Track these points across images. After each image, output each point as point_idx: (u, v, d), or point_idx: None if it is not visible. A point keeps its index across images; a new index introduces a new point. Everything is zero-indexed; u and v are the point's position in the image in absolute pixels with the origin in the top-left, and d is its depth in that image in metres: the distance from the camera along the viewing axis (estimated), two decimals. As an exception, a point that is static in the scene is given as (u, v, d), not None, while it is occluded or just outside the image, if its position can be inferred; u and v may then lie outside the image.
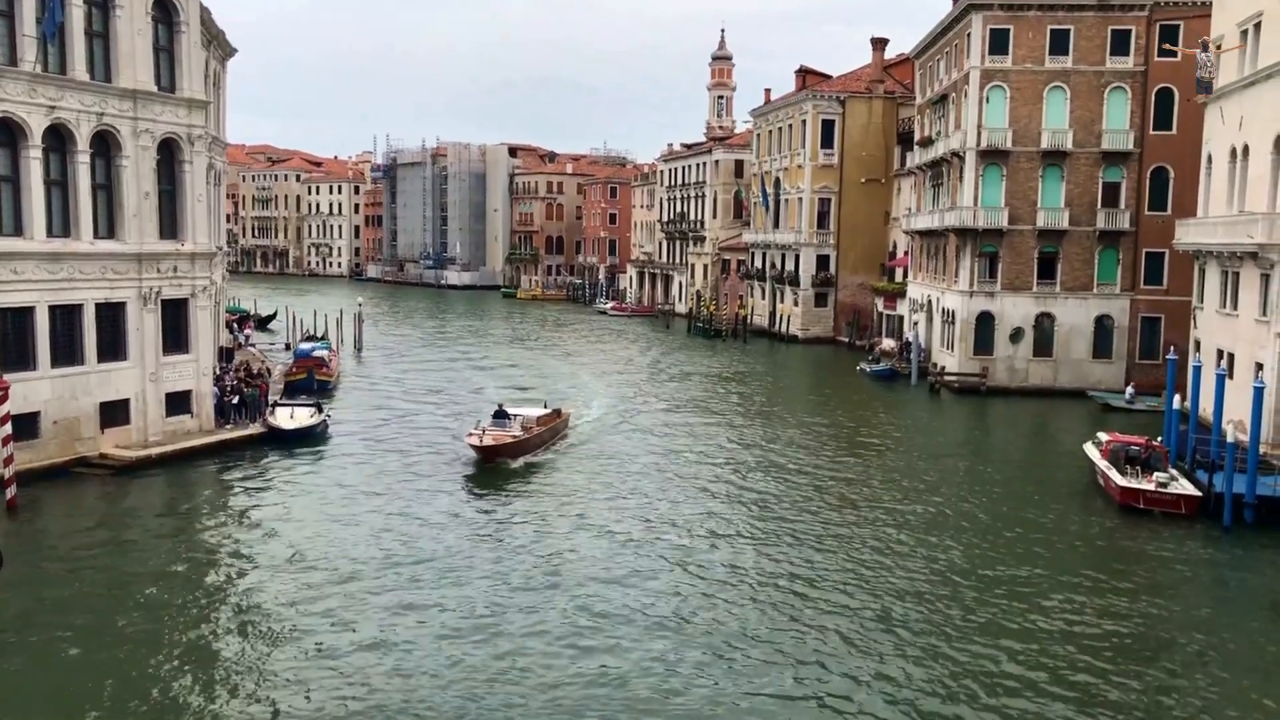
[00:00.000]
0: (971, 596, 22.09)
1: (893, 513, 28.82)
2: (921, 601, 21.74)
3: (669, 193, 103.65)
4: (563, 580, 22.65)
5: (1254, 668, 18.92)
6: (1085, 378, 51.20)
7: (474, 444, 32.79)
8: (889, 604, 21.57)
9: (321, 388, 46.68)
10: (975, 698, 17.35)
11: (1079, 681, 18.03)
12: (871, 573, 23.56)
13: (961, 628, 20.33)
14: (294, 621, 19.98)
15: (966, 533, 26.99)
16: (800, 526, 27.18)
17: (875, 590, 22.39)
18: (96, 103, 31.08)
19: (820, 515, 28.36)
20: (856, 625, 20.39)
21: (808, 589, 22.37)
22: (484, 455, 32.75)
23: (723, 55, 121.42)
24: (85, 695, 16.92)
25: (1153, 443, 31.21)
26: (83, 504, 28.42)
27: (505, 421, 34.64)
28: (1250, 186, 37.13)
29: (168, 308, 33.81)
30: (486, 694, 17.18)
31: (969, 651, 19.18)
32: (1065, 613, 21.26)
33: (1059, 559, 24.91)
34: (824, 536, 26.31)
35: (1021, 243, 51.53)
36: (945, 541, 26.12)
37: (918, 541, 26.07)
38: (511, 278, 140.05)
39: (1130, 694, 17.64)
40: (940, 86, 57.93)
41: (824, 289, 75.21)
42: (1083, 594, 22.42)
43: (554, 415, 37.75)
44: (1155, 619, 21.26)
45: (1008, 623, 20.64)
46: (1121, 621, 20.90)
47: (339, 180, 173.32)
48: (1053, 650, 19.32)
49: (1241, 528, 27.20)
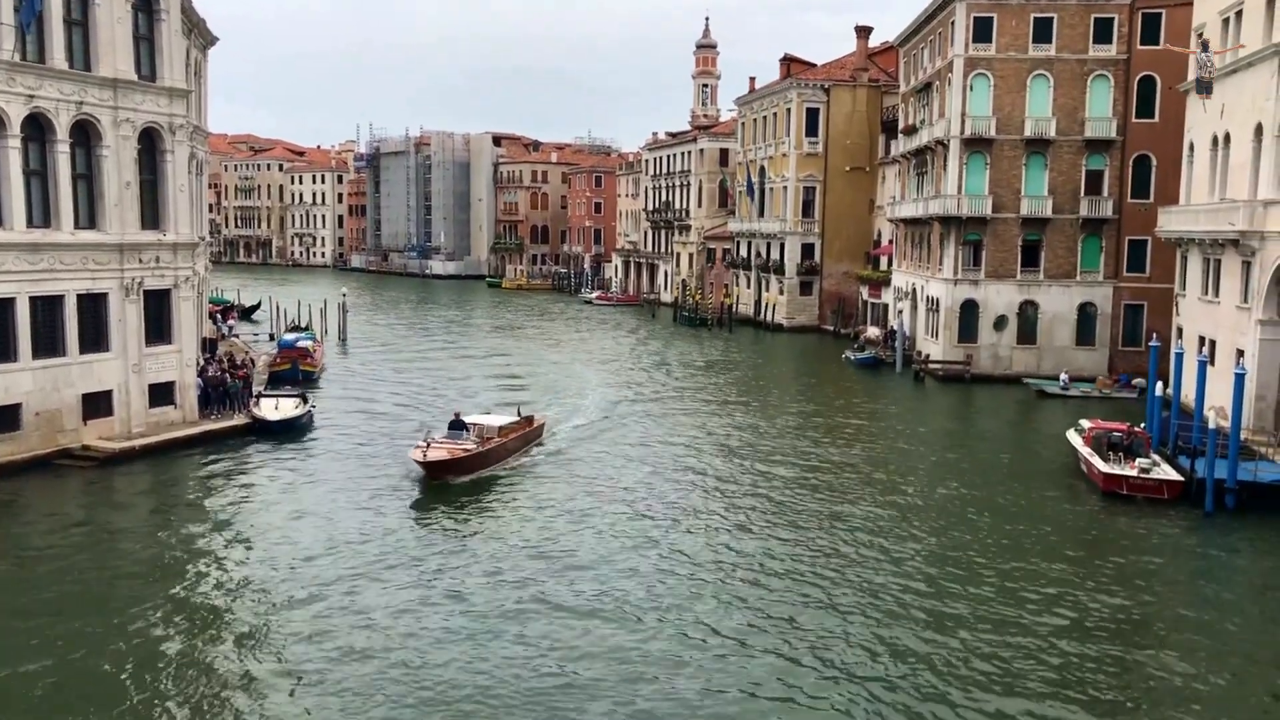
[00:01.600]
0: (954, 582, 22.19)
1: (876, 500, 28.91)
2: (903, 588, 21.82)
3: (654, 181, 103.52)
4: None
5: (1236, 650, 19.08)
6: (1068, 365, 51.44)
7: (417, 459, 29.22)
8: (869, 591, 21.65)
9: (306, 378, 46.53)
10: (958, 681, 17.45)
11: (1060, 664, 18.16)
12: (852, 560, 23.64)
13: (943, 613, 20.43)
14: (277, 614, 19.94)
15: (949, 519, 27.12)
16: (785, 513, 27.27)
17: (857, 578, 22.46)
18: (76, 91, 30.80)
19: (803, 502, 28.43)
20: (838, 615, 20.46)
21: (787, 571, 22.45)
22: (429, 472, 29.20)
23: (707, 43, 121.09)
24: (65, 690, 16.85)
25: (1135, 429, 31.44)
26: (65, 496, 28.25)
27: (461, 433, 31.06)
28: (1232, 174, 37.36)
29: (150, 298, 33.59)
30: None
31: (952, 636, 19.27)
32: (1047, 597, 21.39)
33: (1042, 544, 25.05)
34: (805, 521, 26.40)
35: (1005, 231, 51.70)
36: (928, 528, 26.24)
37: (900, 528, 26.17)
38: (496, 267, 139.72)
39: (1112, 677, 17.78)
40: (924, 75, 57.99)
41: (809, 277, 75.31)
42: (1065, 579, 22.56)
43: (524, 423, 34.20)
44: (1137, 603, 21.41)
45: (990, 608, 20.75)
46: (1103, 606, 21.04)
47: (322, 170, 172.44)
48: (1034, 634, 19.43)
49: (1223, 512, 27.45)
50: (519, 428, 33.53)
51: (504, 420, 33.12)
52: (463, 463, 29.68)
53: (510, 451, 32.14)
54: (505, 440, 31.84)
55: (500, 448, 31.46)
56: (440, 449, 29.75)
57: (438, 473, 29.16)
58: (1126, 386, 47.00)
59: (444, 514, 26.86)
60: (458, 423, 31.81)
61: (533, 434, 34.51)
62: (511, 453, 32.24)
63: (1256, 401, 33.44)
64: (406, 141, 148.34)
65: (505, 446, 31.78)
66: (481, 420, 32.71)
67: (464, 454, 29.85)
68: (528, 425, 34.40)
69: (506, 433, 32.16)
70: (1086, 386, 47.35)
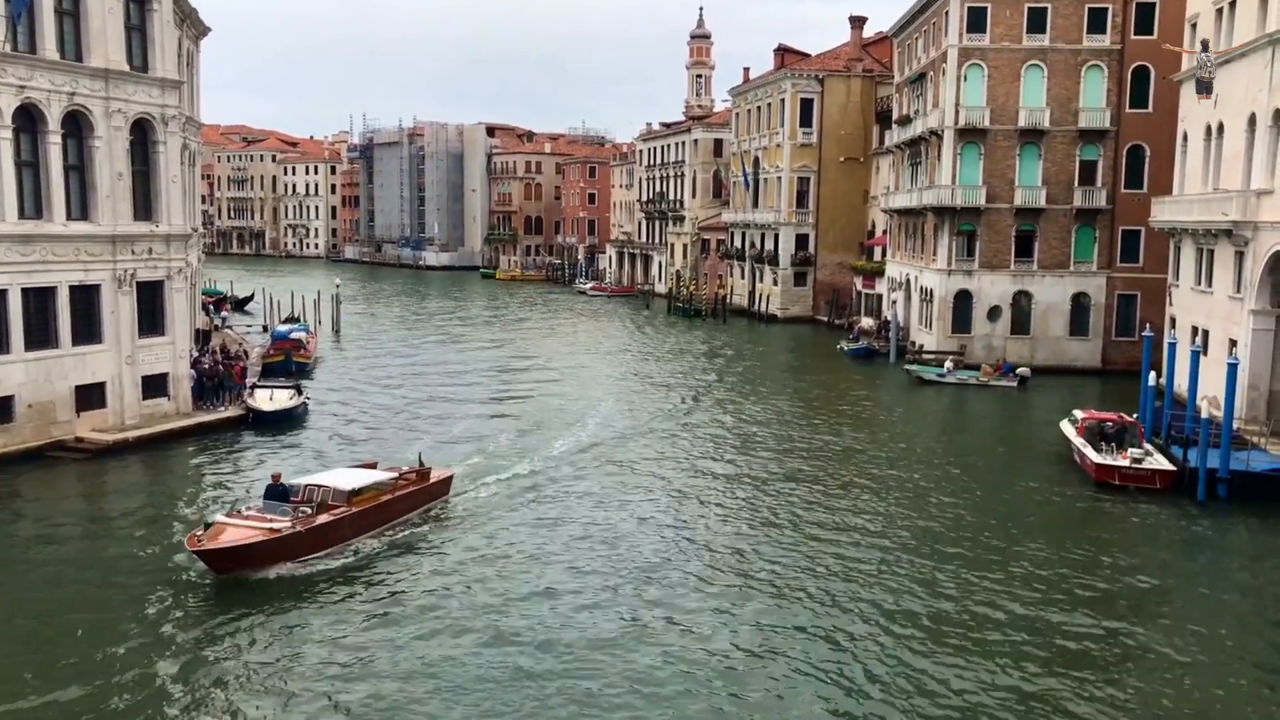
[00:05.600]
0: (947, 571, 22.26)
1: (868, 489, 28.98)
2: (895, 577, 21.89)
3: (648, 172, 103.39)
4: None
5: (1226, 638, 19.17)
6: (1062, 355, 51.61)
7: (194, 549, 20.66)
8: (859, 581, 21.73)
9: (299, 369, 46.50)
10: (950, 669, 17.53)
11: (1051, 655, 18.24)
12: (845, 550, 23.71)
13: (937, 602, 20.51)
14: (267, 605, 19.96)
15: (942, 509, 27.18)
16: (781, 499, 27.33)
17: (846, 567, 22.53)
18: (67, 82, 30.67)
19: (799, 490, 28.50)
20: (828, 603, 20.53)
21: (788, 556, 22.53)
22: (212, 565, 20.64)
23: (701, 34, 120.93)
24: (60, 677, 16.85)
25: (1127, 419, 31.55)
26: (59, 488, 28.21)
27: (281, 505, 22.35)
28: (1225, 164, 37.41)
29: (143, 290, 33.50)
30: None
31: (945, 625, 19.36)
32: (1039, 587, 21.46)
33: (1035, 534, 25.11)
34: (803, 508, 26.46)
35: (999, 221, 51.73)
36: (920, 518, 26.30)
37: (891, 518, 26.23)
38: (490, 258, 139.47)
39: (1103, 664, 17.87)
40: (918, 65, 57.95)
41: (803, 268, 75.35)
42: (1057, 568, 22.63)
43: (409, 480, 25.28)
44: (1129, 591, 21.50)
45: (984, 595, 20.82)
46: (1095, 594, 21.12)
47: (315, 160, 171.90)
48: (1026, 623, 19.51)
49: (1215, 502, 27.59)
50: (397, 488, 24.72)
51: (365, 480, 24.13)
52: (261, 550, 20.88)
53: (369, 525, 23.48)
54: (361, 509, 23.23)
55: (347, 522, 22.83)
56: (239, 528, 21.30)
57: (224, 565, 20.63)
58: (1007, 376, 47.48)
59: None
60: (277, 489, 22.99)
61: (426, 494, 25.62)
62: (373, 526, 23.58)
63: (1249, 391, 33.55)
64: (400, 132, 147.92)
65: (359, 519, 23.18)
66: (323, 482, 23.78)
67: (264, 538, 20.98)
68: (416, 482, 25.41)
69: (367, 499, 23.60)
70: (968, 375, 47.80)
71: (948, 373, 47.73)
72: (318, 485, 23.56)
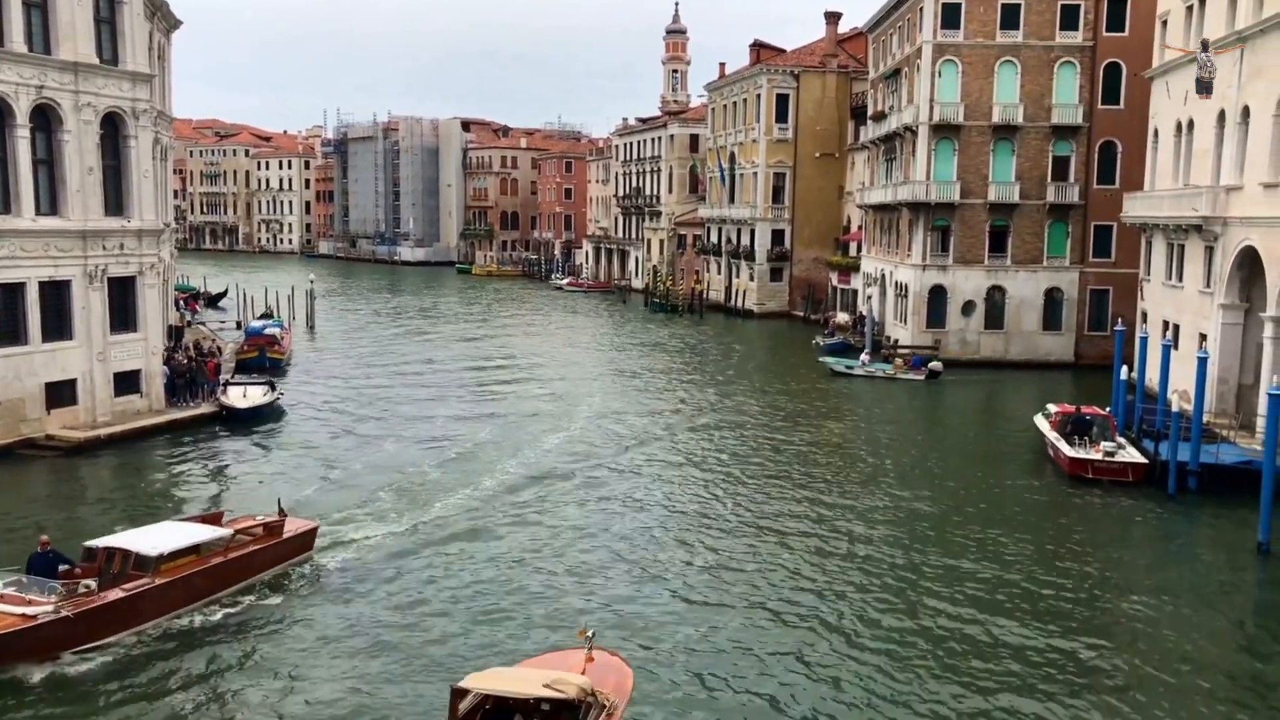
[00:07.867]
0: (921, 565, 22.41)
1: (841, 485, 29.11)
2: (866, 574, 22.01)
3: (624, 167, 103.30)
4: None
5: (1195, 628, 19.39)
6: (1035, 350, 52.01)
7: None
8: (834, 576, 21.83)
9: (273, 366, 46.23)
10: (924, 660, 17.65)
11: (1021, 646, 18.40)
12: (819, 545, 23.82)
13: (912, 595, 20.64)
14: (246, 601, 19.83)
15: (917, 503, 27.35)
16: (753, 495, 27.41)
17: (821, 563, 22.64)
18: (36, 75, 30.28)
19: (771, 485, 28.60)
20: (798, 600, 20.63)
21: (752, 554, 22.61)
22: None
23: (677, 29, 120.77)
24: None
25: (1099, 412, 31.85)
26: (28, 486, 27.92)
27: (46, 581, 17.46)
28: (1195, 160, 37.80)
29: (115, 286, 33.16)
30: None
31: (921, 617, 19.49)
32: (1010, 580, 21.63)
33: (1008, 527, 25.30)
34: (773, 505, 26.55)
35: (973, 216, 52.04)
36: (895, 512, 26.46)
37: (865, 512, 26.37)
38: (466, 254, 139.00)
39: (1071, 656, 18.04)
40: (893, 61, 58.16)
41: (779, 264, 75.53)
42: (1029, 562, 22.83)
43: (254, 535, 20.78)
44: (1100, 582, 21.72)
45: (956, 587, 20.98)
46: (1065, 586, 21.31)
47: (289, 155, 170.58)
48: (998, 617, 19.67)
49: (1186, 494, 27.93)
50: (231, 548, 19.82)
51: (181, 541, 19.11)
52: (17, 643, 16.24)
53: (187, 599, 18.75)
54: (171, 579, 18.41)
55: (149, 597, 18.02)
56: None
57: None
58: (916, 369, 48.42)
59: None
60: (43, 557, 18.35)
61: (275, 554, 20.81)
62: (193, 599, 18.85)
63: (1218, 385, 33.93)
64: (375, 127, 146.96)
65: (168, 591, 18.37)
66: (122, 544, 18.76)
67: (18, 626, 16.28)
68: (262, 539, 20.71)
69: (182, 565, 18.73)
70: (883, 367, 49.17)
71: (860, 365, 49.15)
72: (114, 548, 18.59)
